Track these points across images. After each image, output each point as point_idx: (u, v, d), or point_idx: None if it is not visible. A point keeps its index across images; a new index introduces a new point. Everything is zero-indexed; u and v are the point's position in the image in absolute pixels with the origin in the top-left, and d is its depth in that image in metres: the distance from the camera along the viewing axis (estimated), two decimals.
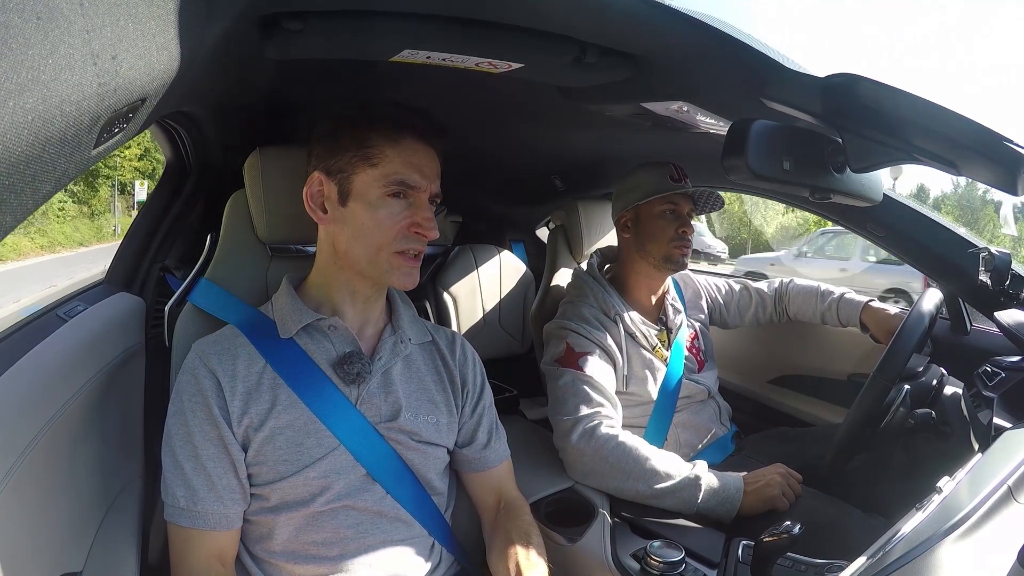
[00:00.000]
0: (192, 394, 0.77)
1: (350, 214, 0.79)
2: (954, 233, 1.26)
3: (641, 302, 1.35)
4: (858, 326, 1.39)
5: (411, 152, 0.79)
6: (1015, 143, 0.65)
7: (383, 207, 0.78)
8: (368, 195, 0.78)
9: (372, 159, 0.78)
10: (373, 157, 0.78)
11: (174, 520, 0.75)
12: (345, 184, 0.79)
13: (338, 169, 0.79)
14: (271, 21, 0.64)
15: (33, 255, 15.78)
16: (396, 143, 0.78)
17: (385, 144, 0.78)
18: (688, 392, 1.31)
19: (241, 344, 0.81)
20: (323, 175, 0.81)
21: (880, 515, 1.02)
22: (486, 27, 0.68)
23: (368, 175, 0.78)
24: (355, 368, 0.81)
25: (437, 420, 0.87)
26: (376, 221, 0.78)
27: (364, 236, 0.79)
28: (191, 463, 0.75)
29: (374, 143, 0.78)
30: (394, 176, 0.78)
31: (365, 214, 0.78)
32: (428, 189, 0.81)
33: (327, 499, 0.78)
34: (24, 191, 0.34)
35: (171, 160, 1.16)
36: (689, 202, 1.31)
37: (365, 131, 0.78)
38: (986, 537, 0.52)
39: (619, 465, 1.08)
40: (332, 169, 0.80)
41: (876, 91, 0.67)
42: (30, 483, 0.63)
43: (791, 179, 0.80)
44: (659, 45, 0.75)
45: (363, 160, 0.78)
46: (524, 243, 2.26)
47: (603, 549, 1.00)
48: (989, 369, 0.98)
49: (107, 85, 0.36)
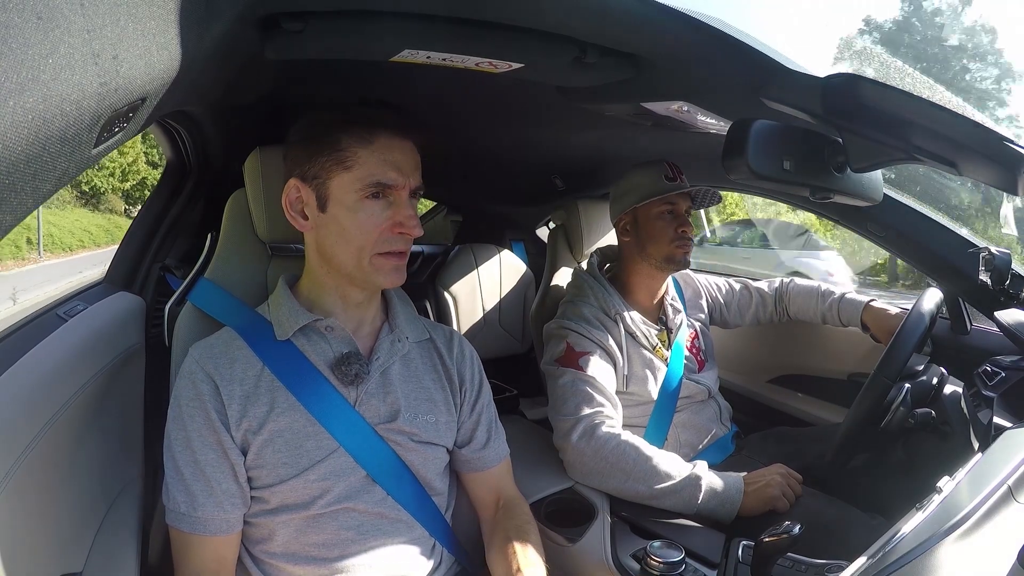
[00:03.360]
0: (190, 399, 0.77)
1: (330, 219, 0.78)
2: (954, 233, 1.26)
3: (641, 302, 1.35)
4: (859, 326, 1.39)
5: (386, 150, 0.77)
6: (1015, 143, 0.65)
7: (362, 210, 0.77)
8: (346, 199, 0.77)
9: (346, 162, 0.76)
10: (347, 160, 0.76)
11: (175, 524, 0.75)
12: (322, 190, 0.78)
13: (313, 175, 0.78)
14: (271, 21, 0.63)
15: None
16: (369, 143, 0.77)
17: (358, 146, 0.76)
18: (688, 392, 1.31)
19: (238, 347, 0.81)
20: (299, 181, 0.79)
21: (880, 515, 1.02)
22: (486, 27, 0.68)
23: (343, 179, 0.77)
24: (353, 369, 0.81)
25: (436, 419, 0.87)
26: (357, 225, 0.77)
27: (346, 241, 0.78)
28: (190, 468, 0.75)
29: (346, 145, 0.76)
30: (370, 178, 0.76)
31: (345, 219, 0.77)
32: (407, 185, 0.79)
33: (327, 501, 0.78)
34: (24, 190, 0.34)
35: (171, 160, 1.16)
36: (687, 199, 1.31)
37: (336, 134, 0.77)
38: (986, 537, 0.52)
39: (619, 465, 1.08)
40: (307, 175, 0.78)
41: (876, 91, 0.67)
42: (30, 483, 0.63)
43: (791, 179, 0.80)
44: (659, 45, 0.75)
45: (337, 164, 0.76)
46: (524, 243, 2.26)
47: (603, 549, 1.00)
48: (989, 369, 0.98)
49: (108, 85, 0.36)
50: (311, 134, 0.79)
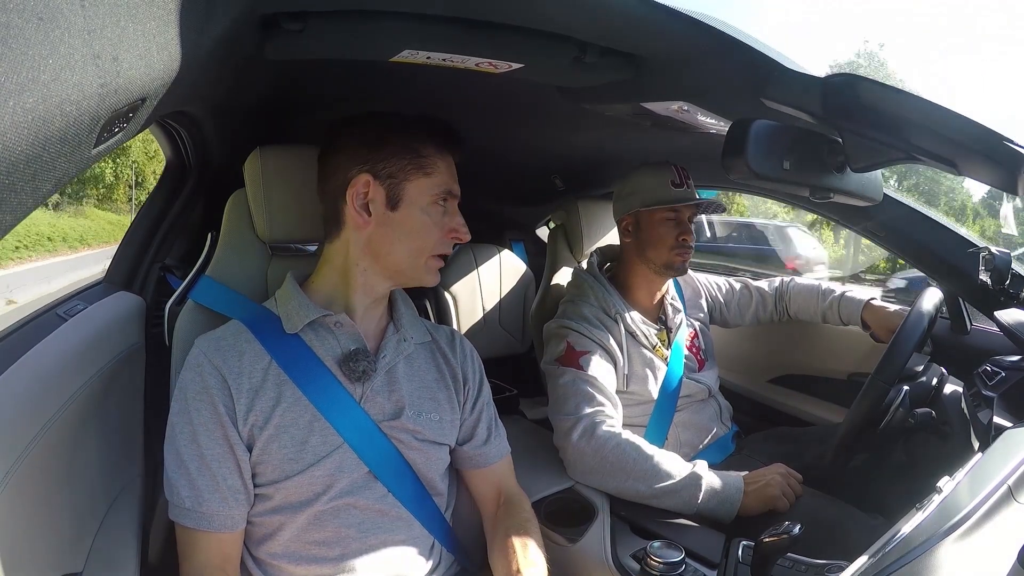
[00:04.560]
0: (197, 391, 0.76)
1: (400, 218, 0.82)
2: (954, 233, 1.26)
3: (641, 301, 1.35)
4: (859, 324, 1.39)
5: (451, 165, 0.86)
6: (1015, 143, 0.65)
7: (431, 214, 0.83)
8: (420, 201, 0.82)
9: (426, 168, 0.82)
10: (427, 167, 0.82)
11: (179, 520, 0.75)
12: (396, 189, 0.81)
13: (389, 174, 0.81)
14: (271, 21, 0.64)
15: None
16: (445, 156, 0.85)
17: (437, 157, 0.83)
18: (688, 391, 1.31)
19: (246, 340, 0.81)
20: (372, 178, 0.81)
21: (880, 515, 1.02)
22: (486, 27, 0.68)
23: (422, 183, 0.82)
24: (360, 366, 0.81)
25: (440, 418, 0.87)
26: (425, 226, 0.82)
27: (411, 240, 0.83)
28: (196, 463, 0.75)
29: (428, 153, 0.82)
30: (444, 186, 0.83)
31: (416, 220, 0.82)
32: (459, 197, 0.87)
33: (330, 497, 0.78)
34: (24, 190, 0.34)
35: (171, 160, 1.16)
36: (691, 206, 1.30)
37: (421, 140, 0.83)
38: (986, 537, 0.52)
39: (619, 465, 1.08)
40: (381, 173, 0.81)
41: (876, 91, 0.67)
42: (30, 483, 0.63)
43: (791, 179, 0.80)
44: (659, 45, 0.75)
45: (417, 168, 0.82)
46: (524, 242, 2.26)
47: (603, 549, 1.00)
48: (989, 368, 0.98)
49: (108, 85, 0.36)
50: (388, 135, 0.82)
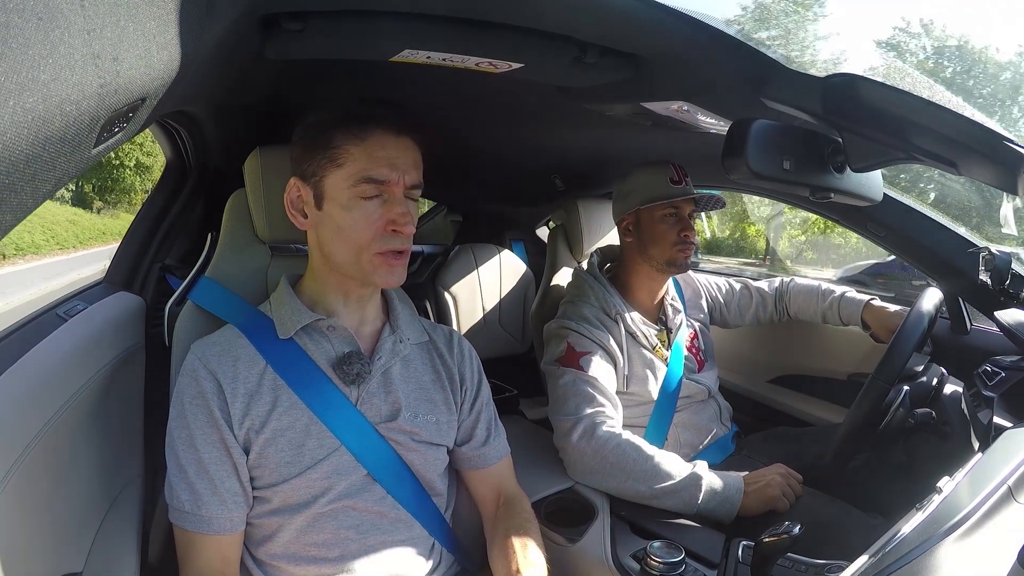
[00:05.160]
0: (193, 396, 0.77)
1: (327, 217, 0.79)
2: (954, 233, 1.26)
3: (641, 302, 1.35)
4: (859, 325, 1.39)
5: (378, 146, 0.78)
6: (1015, 143, 0.65)
7: (356, 208, 0.77)
8: (339, 197, 0.78)
9: (337, 159, 0.77)
10: (338, 157, 0.77)
11: (178, 523, 0.75)
12: (318, 187, 0.79)
13: (311, 173, 0.79)
14: (271, 21, 0.64)
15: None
16: (361, 140, 0.77)
17: (349, 143, 0.77)
18: (688, 392, 1.31)
19: (241, 345, 0.81)
20: (299, 180, 0.81)
21: (880, 515, 1.02)
22: (486, 27, 0.68)
23: (336, 176, 0.78)
24: (355, 368, 0.81)
25: (437, 419, 0.87)
26: (351, 223, 0.78)
27: (342, 239, 0.79)
28: (194, 467, 0.75)
29: (339, 143, 0.77)
30: (360, 174, 0.77)
31: (340, 216, 0.78)
32: (401, 181, 0.78)
33: (328, 499, 0.78)
34: (24, 190, 0.34)
35: (171, 160, 1.16)
36: (691, 203, 1.30)
37: (330, 132, 0.78)
38: (986, 537, 0.52)
39: (619, 465, 1.08)
40: (306, 173, 0.80)
41: (876, 91, 0.67)
42: (30, 483, 0.63)
43: (791, 179, 0.80)
44: (659, 45, 0.75)
45: (330, 161, 0.78)
46: (524, 243, 2.26)
47: (603, 549, 1.00)
48: (989, 369, 0.98)
49: (108, 85, 0.36)
50: (308, 133, 0.80)
